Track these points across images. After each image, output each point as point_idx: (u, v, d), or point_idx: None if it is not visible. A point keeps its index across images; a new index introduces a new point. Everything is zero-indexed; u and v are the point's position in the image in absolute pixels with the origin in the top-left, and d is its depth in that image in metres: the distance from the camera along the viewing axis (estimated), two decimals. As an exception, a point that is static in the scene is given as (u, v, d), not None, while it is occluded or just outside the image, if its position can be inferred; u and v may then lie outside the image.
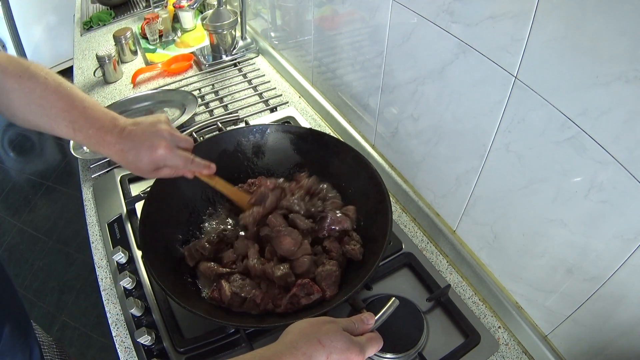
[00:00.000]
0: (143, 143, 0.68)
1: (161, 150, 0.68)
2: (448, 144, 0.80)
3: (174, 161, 0.71)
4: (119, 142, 0.67)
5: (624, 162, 0.50)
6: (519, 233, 0.70)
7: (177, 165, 0.72)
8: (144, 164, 0.69)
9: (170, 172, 0.73)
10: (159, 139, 0.69)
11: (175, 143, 0.71)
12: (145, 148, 0.67)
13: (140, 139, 0.68)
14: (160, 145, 0.68)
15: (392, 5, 0.80)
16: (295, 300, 0.72)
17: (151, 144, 0.68)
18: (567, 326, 0.67)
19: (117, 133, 0.67)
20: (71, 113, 0.66)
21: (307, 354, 0.49)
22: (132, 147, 0.67)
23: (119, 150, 0.67)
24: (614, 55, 0.47)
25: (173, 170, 0.73)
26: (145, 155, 0.68)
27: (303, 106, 1.26)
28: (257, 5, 1.44)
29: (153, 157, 0.68)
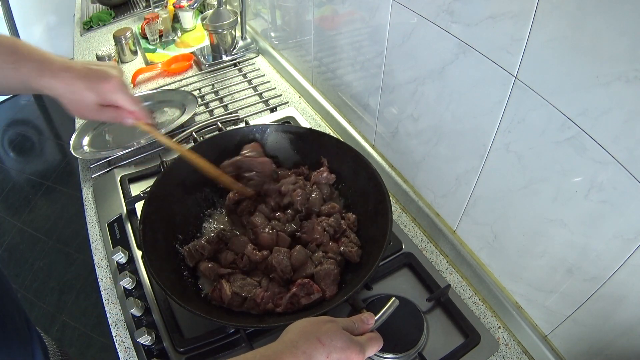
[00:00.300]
0: (97, 72, 0.64)
1: (115, 80, 0.65)
2: (448, 144, 0.80)
3: (122, 98, 0.67)
4: (63, 69, 0.62)
5: (624, 162, 0.50)
6: (519, 233, 0.70)
7: (124, 104, 0.68)
8: (88, 97, 0.64)
9: (113, 115, 0.69)
10: (114, 71, 0.65)
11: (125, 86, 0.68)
12: (95, 77, 0.63)
13: (89, 71, 0.64)
14: (114, 76, 0.65)
15: (392, 5, 0.80)
16: (295, 300, 0.72)
17: (105, 73, 0.64)
18: (567, 326, 0.67)
19: (61, 63, 0.63)
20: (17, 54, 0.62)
21: (307, 353, 0.49)
22: (77, 77, 0.63)
23: (63, 78, 0.62)
24: (614, 55, 0.47)
25: (117, 112, 0.69)
26: (96, 83, 0.64)
27: (303, 106, 1.26)
28: (257, 5, 1.44)
29: (101, 89, 0.64)
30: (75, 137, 1.13)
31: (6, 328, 0.69)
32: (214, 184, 0.92)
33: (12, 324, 0.72)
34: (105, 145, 1.11)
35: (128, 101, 0.68)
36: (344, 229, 0.82)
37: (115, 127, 1.18)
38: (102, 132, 1.16)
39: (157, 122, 1.18)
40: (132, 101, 0.69)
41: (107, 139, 1.14)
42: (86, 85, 0.63)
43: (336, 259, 0.78)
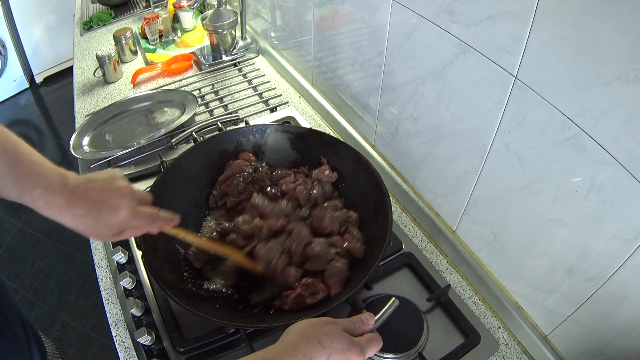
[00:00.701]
0: (102, 205, 0.58)
1: (124, 212, 0.59)
2: (448, 144, 0.80)
3: (139, 220, 0.62)
4: (70, 205, 0.57)
5: (624, 162, 0.50)
6: (519, 233, 0.70)
7: (141, 225, 0.63)
8: (106, 229, 0.59)
9: (134, 233, 0.65)
10: (120, 198, 0.59)
11: (136, 200, 0.62)
12: (105, 210, 0.58)
13: (97, 201, 0.58)
14: (122, 206, 0.59)
15: (392, 5, 0.80)
16: (301, 300, 0.72)
17: (111, 206, 0.59)
18: (567, 326, 0.67)
19: (67, 194, 0.57)
20: (16, 170, 0.56)
21: (307, 355, 0.49)
22: (89, 211, 0.58)
23: (72, 215, 0.57)
24: (614, 55, 0.47)
25: (137, 230, 0.64)
26: (105, 219, 0.59)
27: (303, 106, 1.26)
28: (257, 5, 1.44)
29: (115, 221, 0.59)
30: (75, 137, 1.13)
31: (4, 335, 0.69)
32: (214, 184, 0.93)
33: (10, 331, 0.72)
34: (105, 145, 1.11)
35: (147, 222, 0.64)
36: (347, 224, 0.82)
37: (115, 127, 1.18)
38: (102, 132, 1.16)
39: (157, 122, 1.18)
40: (150, 219, 0.64)
41: (107, 139, 1.14)
42: (97, 222, 0.59)
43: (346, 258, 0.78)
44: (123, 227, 0.61)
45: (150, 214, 0.64)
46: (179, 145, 1.09)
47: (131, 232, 0.63)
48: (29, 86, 3.31)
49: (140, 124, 1.18)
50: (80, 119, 1.24)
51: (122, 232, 0.62)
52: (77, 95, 1.35)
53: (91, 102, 1.32)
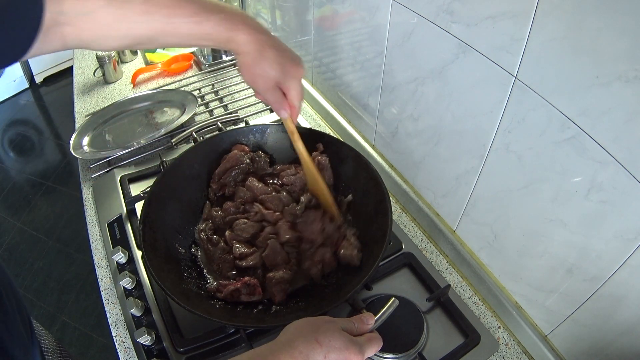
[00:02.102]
0: (287, 53, 0.66)
1: (301, 70, 0.68)
2: (448, 144, 0.80)
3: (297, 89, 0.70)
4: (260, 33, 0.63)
5: (624, 162, 0.50)
6: (519, 233, 0.70)
7: (294, 96, 0.71)
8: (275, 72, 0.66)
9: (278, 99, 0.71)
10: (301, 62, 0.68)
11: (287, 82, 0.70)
12: (289, 58, 0.66)
13: (284, 49, 0.66)
14: (301, 67, 0.68)
15: (392, 5, 0.80)
16: (237, 294, 0.74)
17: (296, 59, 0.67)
18: (567, 326, 0.67)
19: (255, 26, 0.63)
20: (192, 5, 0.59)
21: (304, 353, 0.49)
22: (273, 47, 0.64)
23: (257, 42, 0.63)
24: (614, 55, 0.47)
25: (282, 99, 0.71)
26: (283, 65, 0.65)
27: (303, 106, 1.26)
28: (257, 5, 1.44)
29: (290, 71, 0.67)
30: (75, 137, 1.13)
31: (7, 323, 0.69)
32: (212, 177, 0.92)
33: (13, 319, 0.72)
34: (105, 145, 1.11)
35: (298, 94, 0.71)
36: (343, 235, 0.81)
37: (115, 127, 1.18)
38: (102, 132, 1.16)
39: (157, 122, 1.18)
40: (300, 97, 0.72)
41: (107, 139, 1.14)
42: (278, 59, 0.64)
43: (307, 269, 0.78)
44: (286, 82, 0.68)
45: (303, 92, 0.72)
46: (179, 145, 1.09)
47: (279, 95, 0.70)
48: (28, 86, 3.31)
49: (140, 124, 1.18)
50: (80, 119, 1.24)
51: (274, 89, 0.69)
52: (77, 95, 1.35)
53: (91, 102, 1.32)
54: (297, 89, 0.71)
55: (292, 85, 0.70)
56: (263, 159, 0.93)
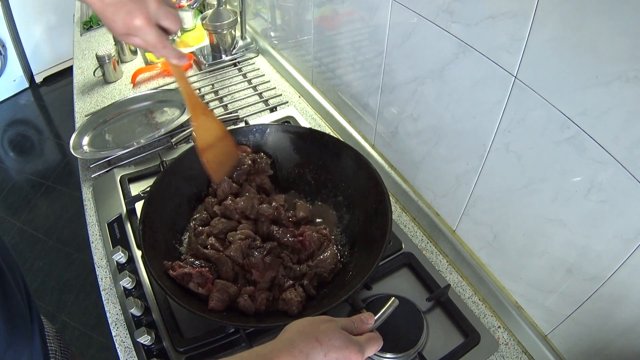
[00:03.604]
0: (124, 5, 0.62)
1: (137, 21, 0.63)
2: (448, 144, 0.80)
3: (147, 37, 0.65)
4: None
5: (624, 162, 0.50)
6: (519, 233, 0.70)
7: (149, 42, 0.66)
8: (118, 25, 0.64)
9: (140, 43, 0.67)
10: (141, 7, 0.63)
11: (158, 18, 0.65)
12: (125, 12, 0.62)
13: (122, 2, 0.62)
14: (137, 15, 0.63)
15: (392, 5, 0.80)
16: (187, 279, 0.74)
17: (131, 10, 0.62)
18: (567, 326, 0.67)
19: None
20: None
21: (304, 352, 0.49)
22: (112, 3, 0.62)
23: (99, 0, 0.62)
24: (614, 55, 0.47)
25: (145, 43, 0.67)
26: (121, 18, 0.63)
27: (303, 106, 1.26)
28: (257, 5, 1.44)
29: (127, 24, 0.63)
30: (75, 137, 1.13)
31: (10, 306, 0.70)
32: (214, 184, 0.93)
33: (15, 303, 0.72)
34: (105, 145, 1.11)
35: (153, 42, 0.66)
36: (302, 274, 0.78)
37: (115, 127, 1.18)
38: (102, 131, 1.16)
39: (157, 122, 1.18)
40: (157, 42, 0.66)
41: (107, 138, 1.14)
42: (114, 16, 0.63)
43: None
44: (131, 32, 0.64)
45: (160, 37, 0.66)
46: (179, 145, 1.09)
47: (138, 41, 0.66)
48: (28, 86, 3.31)
49: (140, 124, 1.18)
50: (80, 118, 1.24)
51: (130, 36, 0.65)
52: (77, 95, 1.35)
53: (91, 101, 1.32)
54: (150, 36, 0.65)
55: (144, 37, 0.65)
56: (264, 161, 0.92)
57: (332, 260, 0.79)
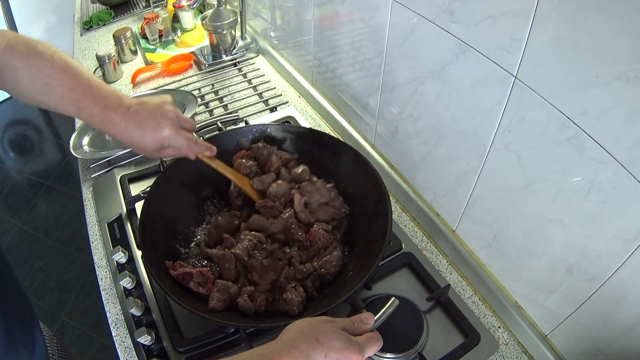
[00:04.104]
0: (148, 123, 0.69)
1: (166, 131, 0.70)
2: (448, 144, 0.80)
3: (178, 142, 0.72)
4: (123, 121, 0.68)
5: (624, 162, 0.50)
6: (519, 233, 0.70)
7: (181, 146, 0.73)
8: (148, 143, 0.70)
9: (173, 153, 0.75)
10: (165, 119, 0.70)
11: (179, 124, 0.72)
12: (151, 128, 0.69)
13: (145, 119, 0.69)
14: (165, 126, 0.70)
15: (392, 5, 0.80)
16: (187, 278, 0.74)
17: (157, 125, 0.69)
18: (567, 326, 0.67)
19: (122, 112, 0.68)
20: (76, 91, 0.67)
21: (304, 353, 0.49)
22: (136, 127, 0.68)
23: (123, 129, 0.68)
24: (613, 55, 0.47)
25: (176, 150, 0.74)
26: (150, 135, 0.69)
27: (303, 106, 1.26)
28: (257, 5, 1.44)
29: (158, 138, 0.70)
30: (75, 136, 1.13)
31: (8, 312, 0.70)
32: (214, 184, 0.93)
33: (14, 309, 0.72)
34: (105, 145, 1.11)
35: (185, 144, 0.73)
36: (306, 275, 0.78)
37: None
38: (102, 132, 1.16)
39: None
40: (188, 143, 0.74)
41: (107, 138, 1.14)
42: (142, 137, 0.69)
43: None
44: (163, 145, 0.71)
45: (189, 137, 0.74)
46: (178, 145, 1.09)
47: (170, 151, 0.74)
48: (28, 86, 3.31)
49: (140, 124, 1.18)
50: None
51: (162, 150, 0.73)
52: (77, 95, 1.35)
53: (91, 102, 1.31)
54: (177, 143, 0.73)
55: (172, 145, 0.73)
56: (263, 147, 0.92)
57: (337, 262, 0.79)
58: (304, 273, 0.77)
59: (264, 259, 0.77)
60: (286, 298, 0.73)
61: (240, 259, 0.78)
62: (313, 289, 0.76)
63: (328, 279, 0.79)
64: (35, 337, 0.76)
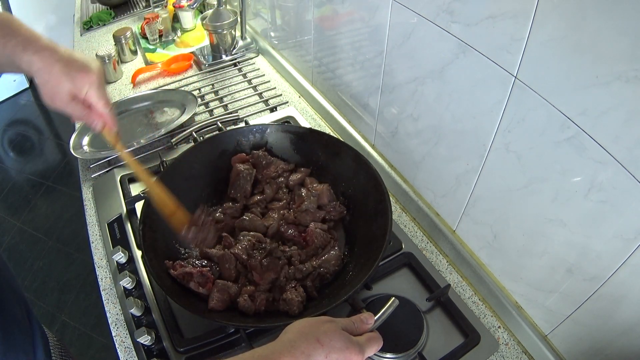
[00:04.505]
0: (76, 62, 0.64)
1: (92, 76, 0.65)
2: (448, 144, 0.80)
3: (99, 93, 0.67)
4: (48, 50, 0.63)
5: (624, 162, 0.50)
6: (519, 233, 0.70)
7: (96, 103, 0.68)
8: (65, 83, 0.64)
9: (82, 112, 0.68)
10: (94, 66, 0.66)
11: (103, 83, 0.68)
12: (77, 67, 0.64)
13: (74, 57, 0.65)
14: (93, 70, 0.65)
15: (392, 5, 0.80)
16: (188, 278, 0.74)
17: (84, 66, 0.65)
18: (567, 326, 0.67)
19: (49, 43, 0.64)
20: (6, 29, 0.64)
21: (305, 353, 0.49)
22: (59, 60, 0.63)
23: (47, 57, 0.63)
24: (614, 55, 0.47)
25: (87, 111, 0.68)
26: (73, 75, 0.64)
27: (303, 106, 1.26)
28: (257, 5, 1.44)
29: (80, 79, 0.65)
30: (75, 137, 1.13)
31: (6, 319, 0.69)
32: (214, 184, 0.93)
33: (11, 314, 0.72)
34: (105, 145, 1.11)
35: (101, 100, 0.67)
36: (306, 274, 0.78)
37: (115, 127, 1.18)
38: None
39: (157, 122, 1.18)
40: (105, 102, 0.68)
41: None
42: (65, 70, 0.63)
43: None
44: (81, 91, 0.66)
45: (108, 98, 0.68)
46: (179, 145, 1.09)
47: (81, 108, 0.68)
48: (28, 86, 3.31)
49: (140, 124, 1.18)
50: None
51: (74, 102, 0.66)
52: (77, 95, 1.35)
53: (91, 102, 1.31)
54: (96, 95, 0.67)
55: (90, 94, 0.67)
56: (262, 156, 0.93)
57: (335, 261, 0.79)
58: (303, 272, 0.77)
59: (263, 259, 0.77)
60: (286, 298, 0.73)
61: (240, 258, 0.78)
62: (313, 289, 0.76)
63: (328, 278, 0.79)
64: (35, 342, 0.76)
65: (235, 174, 0.91)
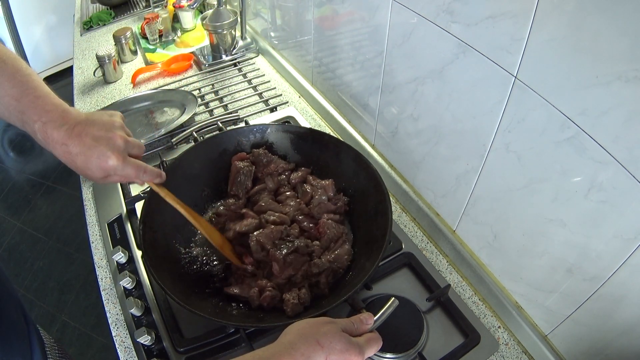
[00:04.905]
0: (93, 151, 0.62)
1: (112, 161, 0.63)
2: (448, 144, 0.80)
3: (125, 171, 0.65)
4: (66, 142, 0.61)
5: (624, 162, 0.50)
6: (519, 233, 0.70)
7: (128, 175, 0.67)
8: (93, 172, 0.63)
9: (120, 180, 0.68)
10: (110, 148, 0.63)
11: (127, 151, 0.66)
12: (96, 157, 0.62)
13: (90, 145, 0.61)
14: (111, 156, 0.63)
15: (392, 5, 0.80)
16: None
17: (102, 154, 0.62)
18: (567, 326, 0.67)
19: (65, 131, 0.61)
20: (21, 102, 0.60)
21: (305, 355, 0.49)
22: (80, 153, 0.61)
23: (65, 152, 0.62)
24: (614, 55, 0.47)
25: (124, 178, 0.68)
26: (94, 164, 0.62)
27: (303, 106, 1.26)
28: (257, 5, 1.44)
29: (103, 167, 0.63)
30: (75, 137, 1.13)
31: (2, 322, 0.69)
32: (214, 184, 0.93)
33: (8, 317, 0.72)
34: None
35: (132, 173, 0.67)
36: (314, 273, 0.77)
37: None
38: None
39: (157, 122, 1.18)
40: (136, 171, 0.67)
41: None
42: (86, 164, 0.62)
43: None
44: (109, 173, 0.65)
45: (136, 165, 0.67)
46: (179, 145, 1.09)
47: (117, 178, 0.67)
48: (28, 86, 3.31)
49: (140, 124, 1.18)
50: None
51: (108, 177, 0.66)
52: (77, 95, 1.35)
53: (91, 102, 1.32)
54: (125, 175, 0.66)
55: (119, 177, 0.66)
56: (262, 154, 0.93)
57: (348, 256, 0.80)
58: (320, 267, 0.77)
59: (288, 255, 0.77)
60: (285, 298, 0.73)
61: (263, 245, 0.78)
62: (326, 285, 0.76)
63: (340, 273, 0.79)
64: (32, 345, 0.76)
65: (235, 171, 0.91)
